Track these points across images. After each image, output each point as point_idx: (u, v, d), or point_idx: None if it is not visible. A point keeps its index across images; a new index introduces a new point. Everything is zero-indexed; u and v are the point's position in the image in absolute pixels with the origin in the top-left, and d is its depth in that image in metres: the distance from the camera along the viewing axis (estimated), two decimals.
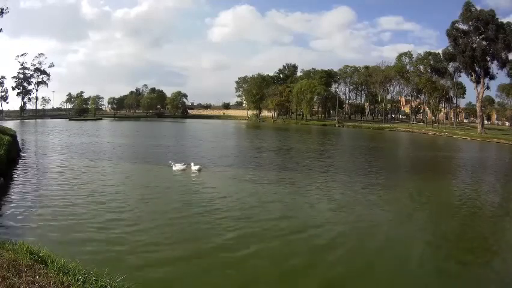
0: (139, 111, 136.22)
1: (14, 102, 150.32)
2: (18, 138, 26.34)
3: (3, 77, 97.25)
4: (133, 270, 6.50)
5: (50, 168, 18.00)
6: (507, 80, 64.63)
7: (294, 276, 6.85)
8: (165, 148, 28.97)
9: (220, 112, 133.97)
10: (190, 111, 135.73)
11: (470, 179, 18.84)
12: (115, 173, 16.82)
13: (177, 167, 17.06)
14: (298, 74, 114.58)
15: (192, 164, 17.36)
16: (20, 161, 19.80)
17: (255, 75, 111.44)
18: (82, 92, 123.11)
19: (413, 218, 11.23)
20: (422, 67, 79.24)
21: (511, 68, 59.70)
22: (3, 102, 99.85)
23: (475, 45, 59.04)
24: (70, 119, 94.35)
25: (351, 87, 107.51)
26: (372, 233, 9.57)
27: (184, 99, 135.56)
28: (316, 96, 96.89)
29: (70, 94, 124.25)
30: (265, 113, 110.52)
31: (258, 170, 18.87)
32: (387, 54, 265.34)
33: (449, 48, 63.32)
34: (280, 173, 18.12)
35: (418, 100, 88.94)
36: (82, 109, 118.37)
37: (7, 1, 57.98)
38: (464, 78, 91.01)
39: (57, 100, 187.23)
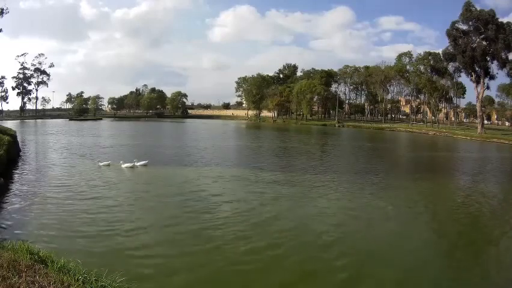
0: (139, 111, 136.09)
1: (14, 102, 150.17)
2: (18, 138, 26.34)
3: (3, 77, 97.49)
4: (133, 271, 6.50)
5: (50, 168, 18.02)
6: (507, 80, 64.50)
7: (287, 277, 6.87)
8: (165, 148, 29.07)
9: (221, 112, 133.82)
10: (190, 111, 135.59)
11: (471, 179, 18.85)
12: (113, 173, 16.83)
13: (103, 163, 18.71)
14: (298, 74, 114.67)
15: (135, 160, 18.75)
16: (20, 161, 19.81)
17: (255, 75, 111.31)
18: (81, 92, 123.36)
19: (418, 220, 11.23)
20: (422, 67, 79.20)
21: (511, 68, 59.58)
22: (3, 102, 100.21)
23: (475, 45, 58.97)
24: (70, 119, 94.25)
25: (351, 87, 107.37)
26: (373, 232, 9.59)
27: (184, 99, 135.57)
28: (316, 96, 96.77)
29: (69, 94, 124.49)
30: (265, 113, 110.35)
31: (223, 167, 19.05)
32: (387, 55, 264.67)
33: (449, 48, 63.24)
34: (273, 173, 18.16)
35: (418, 100, 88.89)
36: (82, 109, 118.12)
37: (7, 1, 57.52)
38: (464, 78, 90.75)
39: (57, 100, 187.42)
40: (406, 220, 11.04)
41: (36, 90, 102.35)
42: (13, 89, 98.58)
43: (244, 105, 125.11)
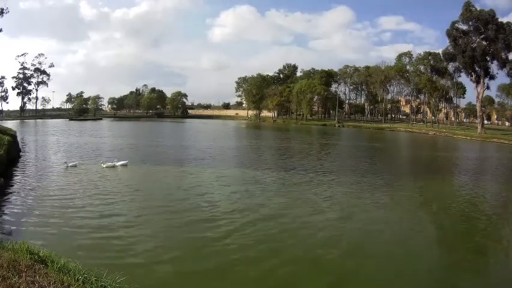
0: (139, 111, 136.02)
1: (14, 102, 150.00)
2: (18, 138, 26.33)
3: (3, 77, 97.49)
4: (134, 271, 6.49)
5: (49, 168, 18.00)
6: (507, 80, 64.54)
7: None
8: (163, 148, 29.06)
9: (221, 112, 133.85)
10: (190, 111, 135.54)
11: (471, 179, 18.83)
12: (111, 172, 16.83)
13: (70, 164, 18.40)
14: (298, 74, 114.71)
15: (116, 160, 19.03)
16: (20, 161, 19.81)
17: (255, 75, 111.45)
18: (81, 92, 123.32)
19: (420, 221, 11.23)
20: (422, 67, 79.22)
21: (511, 68, 59.58)
22: (3, 102, 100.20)
23: (475, 45, 58.98)
24: (70, 119, 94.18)
25: (351, 87, 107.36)
26: (372, 232, 9.60)
27: (184, 99, 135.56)
28: (316, 96, 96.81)
29: (69, 94, 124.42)
30: (265, 113, 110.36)
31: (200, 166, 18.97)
32: (387, 55, 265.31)
33: (449, 48, 63.27)
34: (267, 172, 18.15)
35: (418, 100, 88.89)
36: (82, 109, 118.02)
37: (7, 1, 57.54)
38: (464, 78, 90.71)
39: (57, 100, 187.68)
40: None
41: (36, 90, 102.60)
42: (13, 89, 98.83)
43: (244, 105, 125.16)
